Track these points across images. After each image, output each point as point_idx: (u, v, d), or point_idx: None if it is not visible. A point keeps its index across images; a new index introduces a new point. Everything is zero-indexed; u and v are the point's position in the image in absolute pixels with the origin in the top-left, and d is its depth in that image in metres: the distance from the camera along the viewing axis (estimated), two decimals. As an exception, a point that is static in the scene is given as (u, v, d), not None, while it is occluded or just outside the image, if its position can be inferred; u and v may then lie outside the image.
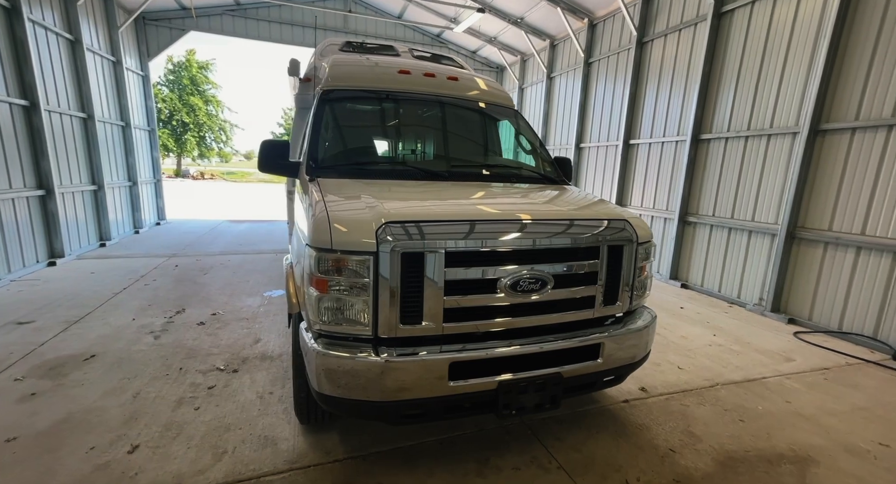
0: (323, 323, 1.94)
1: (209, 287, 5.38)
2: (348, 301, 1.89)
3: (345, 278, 1.87)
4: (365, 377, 1.85)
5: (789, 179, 5.03)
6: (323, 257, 1.88)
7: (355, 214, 1.99)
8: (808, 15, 4.91)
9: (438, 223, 1.97)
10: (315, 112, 3.05)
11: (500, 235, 2.01)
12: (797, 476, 2.35)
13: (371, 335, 1.92)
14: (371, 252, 1.84)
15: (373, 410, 1.93)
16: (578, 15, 8.48)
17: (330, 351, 1.88)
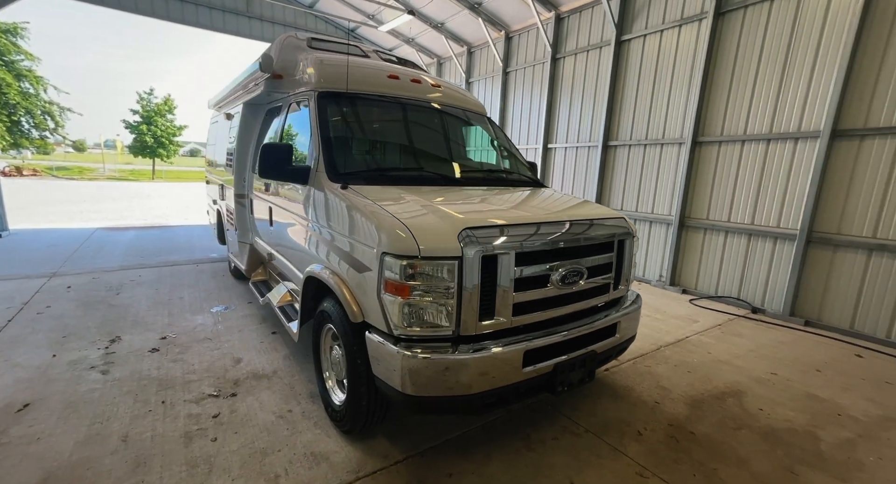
0: (405, 327, 2.01)
1: (134, 308, 4.61)
2: (432, 304, 1.99)
3: (430, 283, 1.97)
4: (456, 373, 1.99)
5: (679, 180, 6.32)
6: (409, 264, 1.94)
7: (434, 222, 2.09)
8: (686, 47, 6.20)
9: (508, 227, 2.19)
10: (318, 116, 2.94)
11: (554, 235, 2.31)
12: (738, 405, 3.15)
13: (451, 334, 2.05)
14: (456, 257, 1.97)
15: (461, 404, 2.07)
16: (497, 27, 9.15)
17: (421, 354, 1.96)
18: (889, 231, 4.60)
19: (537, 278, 2.23)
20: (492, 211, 2.48)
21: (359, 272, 2.21)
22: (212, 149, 6.40)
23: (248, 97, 4.16)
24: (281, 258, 3.58)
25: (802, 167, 5.17)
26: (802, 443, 2.73)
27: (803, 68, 5.10)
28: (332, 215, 2.52)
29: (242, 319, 4.42)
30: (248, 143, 4.51)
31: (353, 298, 2.24)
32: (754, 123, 5.56)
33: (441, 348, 2.01)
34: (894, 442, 2.81)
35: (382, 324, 2.07)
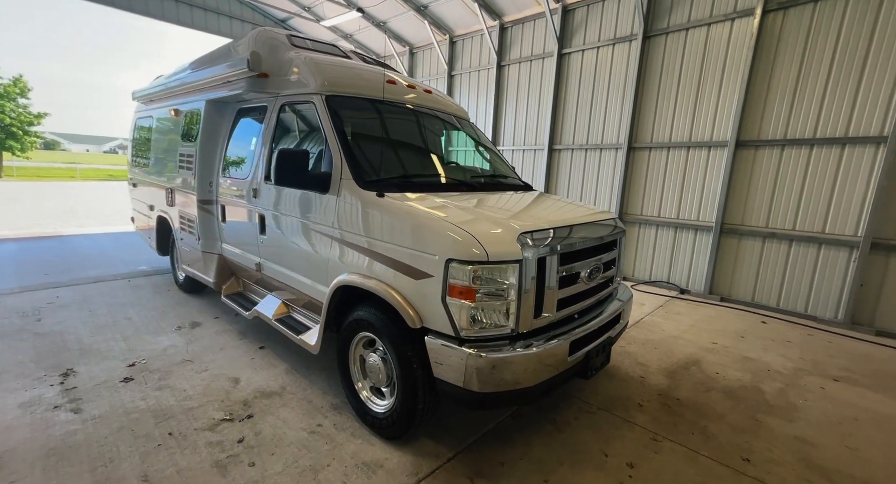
0: (471, 329, 2.12)
1: (72, 335, 3.97)
2: (496, 305, 2.14)
3: (495, 286, 2.11)
4: (522, 368, 2.15)
5: (616, 180, 7.15)
6: (476, 270, 2.06)
7: (493, 228, 2.22)
8: (620, 64, 7.01)
9: (552, 229, 2.40)
10: (333, 121, 2.87)
11: (582, 235, 2.58)
12: (700, 371, 3.77)
13: (510, 332, 2.21)
14: (518, 260, 2.14)
15: (523, 396, 2.23)
16: (442, 30, 9.34)
17: (491, 353, 2.09)
18: (777, 222, 5.76)
19: (572, 275, 2.49)
20: (528, 215, 2.67)
21: (415, 279, 2.26)
22: (147, 148, 5.67)
23: (219, 94, 3.82)
24: (279, 268, 3.39)
25: (715, 170, 6.21)
26: (753, 396, 3.39)
27: (713, 88, 6.12)
28: (371, 224, 2.51)
29: (218, 337, 4.06)
30: (215, 144, 4.14)
31: (409, 305, 2.28)
32: (677, 132, 6.52)
33: (503, 346, 2.16)
34: (810, 386, 3.62)
35: (447, 327, 2.16)
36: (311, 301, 3.16)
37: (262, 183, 3.45)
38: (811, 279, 5.58)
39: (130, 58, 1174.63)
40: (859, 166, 5.15)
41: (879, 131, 5.00)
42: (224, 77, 3.58)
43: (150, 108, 5.64)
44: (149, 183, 5.55)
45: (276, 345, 3.92)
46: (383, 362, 2.59)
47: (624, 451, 2.60)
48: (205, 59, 4.45)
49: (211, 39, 10.60)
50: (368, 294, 2.64)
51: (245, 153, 3.84)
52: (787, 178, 5.66)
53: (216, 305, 4.94)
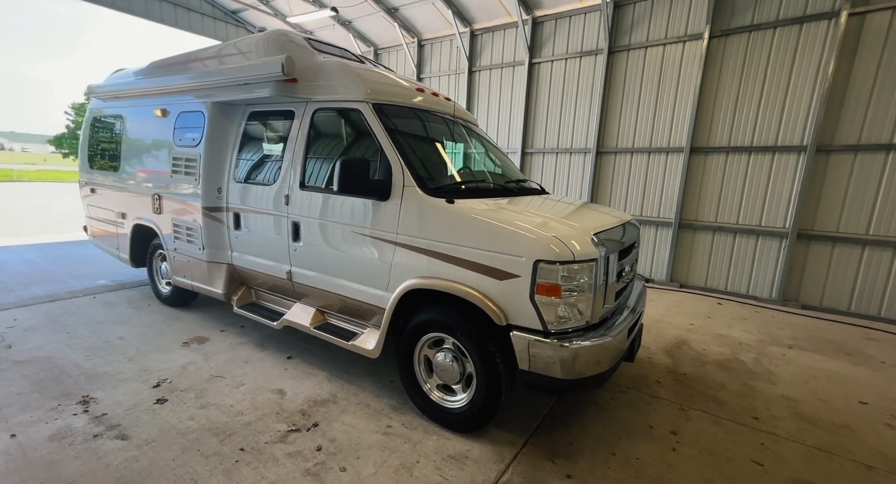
0: (556, 323, 2.36)
1: (63, 361, 3.57)
2: (579, 300, 2.39)
3: (578, 283, 2.36)
4: (601, 354, 2.43)
5: (586, 182, 7.79)
6: (564, 269, 2.30)
7: (571, 231, 2.47)
8: (587, 75, 7.64)
9: (613, 230, 2.72)
10: (386, 129, 2.95)
11: (628, 235, 2.93)
12: (690, 349, 4.36)
13: (584, 323, 2.48)
14: (595, 258, 2.41)
15: (598, 379, 2.49)
16: (410, 33, 9.41)
17: (577, 344, 2.34)
18: (724, 217, 6.69)
19: (620, 270, 2.83)
20: (580, 217, 2.94)
21: (499, 280, 2.44)
22: (114, 150, 5.14)
23: (232, 97, 3.66)
24: (319, 276, 3.35)
25: (673, 173, 7.04)
26: (738, 366, 4.02)
27: (669, 100, 6.93)
28: (445, 229, 2.63)
29: (235, 350, 3.88)
30: (223, 148, 3.95)
31: (494, 304, 2.46)
32: (639, 139, 7.28)
33: (582, 336, 2.42)
34: (774, 354, 4.35)
35: (535, 323, 2.37)
36: (359, 306, 3.19)
37: (295, 190, 3.39)
38: (751, 265, 6.58)
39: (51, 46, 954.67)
40: (786, 170, 6.18)
41: (800, 141, 6.04)
42: (245, 79, 3.44)
43: (117, 107, 5.14)
44: (120, 189, 5.05)
45: (304, 354, 3.85)
46: (455, 360, 2.74)
47: (663, 421, 3.01)
48: (195, 59, 4.20)
49: (150, 28, 9.68)
50: (439, 296, 2.77)
51: (266, 158, 3.72)
52: (731, 179, 6.60)
53: (215, 317, 4.67)
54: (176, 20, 10.07)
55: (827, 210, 5.97)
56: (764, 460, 2.60)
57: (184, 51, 4.54)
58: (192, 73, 4.04)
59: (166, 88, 4.27)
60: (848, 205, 5.82)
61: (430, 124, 3.53)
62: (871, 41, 5.49)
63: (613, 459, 2.56)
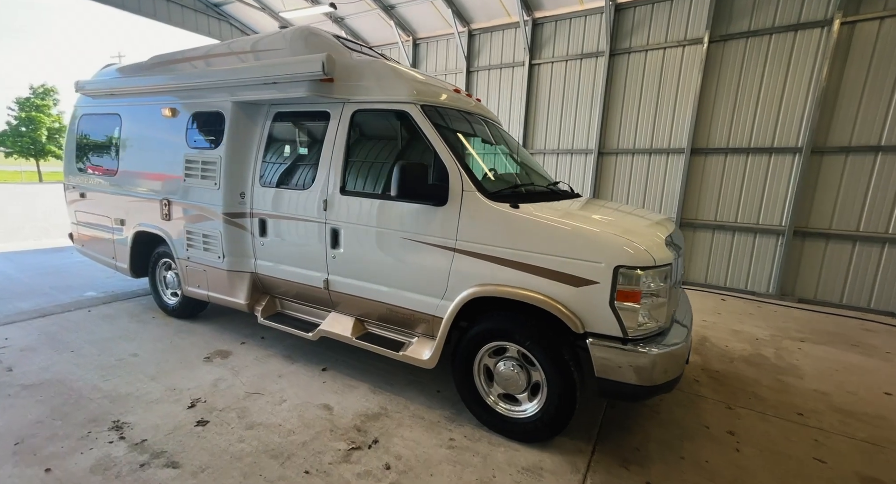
0: (637, 329, 2.34)
1: (77, 382, 3.28)
2: (656, 304, 2.38)
3: (657, 287, 2.35)
4: (680, 359, 2.43)
5: (588, 182, 7.89)
6: (645, 274, 2.28)
7: (647, 235, 2.46)
8: (587, 76, 7.73)
9: (674, 234, 2.73)
10: (439, 132, 2.86)
11: (679, 238, 2.96)
12: (714, 346, 4.47)
13: (658, 329, 2.47)
14: (670, 262, 2.41)
15: (673, 384, 2.49)
16: (406, 32, 9.26)
17: (662, 348, 2.33)
18: (723, 215, 6.93)
19: None
20: (641, 221, 2.93)
21: (575, 286, 2.40)
22: (109, 151, 4.79)
23: (259, 96, 3.45)
24: (363, 284, 3.21)
25: (673, 173, 7.22)
26: (763, 362, 4.15)
27: (670, 103, 7.11)
28: (512, 235, 2.56)
29: (264, 363, 3.67)
30: (247, 150, 3.73)
31: (570, 311, 2.41)
32: (640, 140, 7.43)
33: (658, 342, 2.42)
34: (790, 348, 4.52)
35: (614, 329, 2.34)
36: (408, 315, 3.07)
37: (335, 195, 3.23)
38: (749, 261, 6.84)
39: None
40: (782, 170, 6.46)
41: (795, 143, 6.32)
42: (276, 78, 3.25)
43: (112, 105, 4.78)
44: (118, 193, 4.70)
45: (338, 365, 3.69)
46: (520, 369, 2.68)
47: (716, 421, 3.05)
48: (208, 56, 3.97)
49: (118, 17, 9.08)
50: (500, 303, 2.70)
51: (297, 161, 3.54)
52: (730, 179, 6.83)
53: (230, 328, 4.42)
54: (154, 11, 9.50)
55: (821, 208, 6.27)
56: (825, 457, 2.68)
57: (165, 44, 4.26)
58: (209, 70, 3.79)
59: (176, 86, 3.99)
60: (840, 203, 6.14)
61: (472, 126, 3.45)
62: (861, 48, 5.80)
63: (684, 463, 2.57)
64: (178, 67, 4.19)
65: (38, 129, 36.96)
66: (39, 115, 36.97)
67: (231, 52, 3.89)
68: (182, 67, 4.15)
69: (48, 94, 37.98)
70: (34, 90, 37.56)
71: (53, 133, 38.24)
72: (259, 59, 3.60)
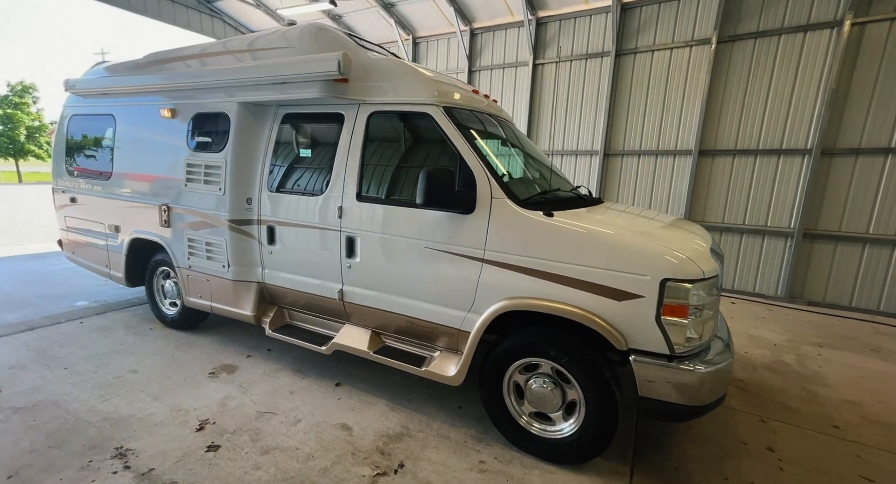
0: (684, 346, 2.20)
1: (73, 404, 3.06)
2: (703, 319, 2.24)
3: (704, 301, 2.21)
4: (727, 376, 2.30)
5: (594, 183, 7.78)
6: (695, 287, 2.15)
7: (693, 246, 2.32)
8: (593, 76, 7.62)
9: (715, 244, 2.60)
10: (462, 133, 2.69)
11: (716, 247, 2.84)
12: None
13: (704, 345, 2.33)
14: (717, 275, 2.27)
15: (718, 403, 2.35)
16: (406, 30, 9.07)
17: (711, 366, 2.19)
18: (731, 217, 6.87)
19: None
20: (678, 229, 2.78)
21: (617, 300, 2.25)
22: (103, 153, 4.54)
23: (266, 96, 3.25)
24: (382, 296, 3.03)
25: (680, 175, 7.15)
26: (786, 369, 4.05)
27: (676, 103, 7.03)
28: (546, 245, 2.41)
29: (273, 379, 3.48)
30: (253, 154, 3.53)
31: (612, 326, 2.27)
32: (647, 141, 7.34)
33: (702, 358, 2.28)
34: (810, 354, 4.44)
35: (660, 346, 2.20)
36: (430, 328, 2.91)
37: (351, 201, 3.05)
38: (758, 263, 6.79)
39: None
40: (791, 172, 6.41)
41: (805, 145, 6.27)
42: (286, 77, 3.05)
43: (105, 105, 4.53)
44: (112, 198, 4.46)
45: (352, 379, 3.51)
46: (554, 386, 2.53)
47: (752, 436, 2.93)
48: (210, 54, 3.77)
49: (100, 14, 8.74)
50: (532, 317, 2.55)
51: (308, 165, 3.35)
52: (738, 181, 6.77)
53: (234, 340, 4.21)
54: (145, 8, 9.18)
55: (830, 210, 6.23)
56: (872, 475, 2.57)
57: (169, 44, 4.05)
58: (213, 69, 3.58)
59: (177, 86, 3.76)
60: (850, 205, 6.10)
61: (491, 128, 3.29)
62: (871, 50, 5.76)
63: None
64: (177, 66, 3.96)
65: (17, 128, 35.93)
66: (18, 113, 35.94)
67: (234, 50, 3.68)
68: (181, 66, 3.93)
69: (27, 92, 36.94)
70: (12, 88, 36.51)
71: (33, 132, 37.21)
72: (263, 57, 3.40)
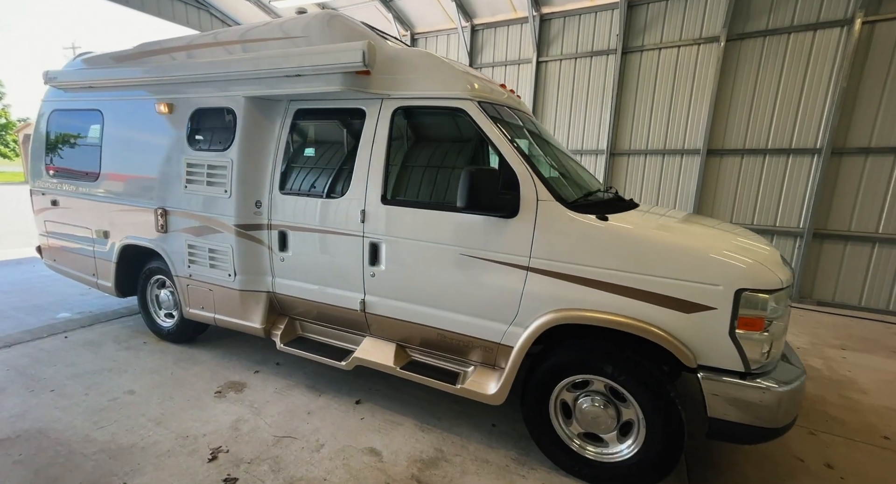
0: (758, 362, 2.01)
1: (64, 432, 2.73)
2: (778, 333, 2.06)
3: (778, 313, 2.03)
4: (802, 395, 2.13)
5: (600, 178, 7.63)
6: (774, 298, 1.96)
7: (765, 252, 2.14)
8: (598, 74, 7.48)
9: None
10: (502, 131, 2.47)
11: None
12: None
13: (775, 360, 2.14)
14: (791, 285, 2.09)
15: (792, 425, 2.16)
16: (404, 26, 8.80)
17: (788, 384, 2.00)
18: (739, 217, 6.80)
19: None
20: (745, 237, 2.59)
21: (685, 312, 2.05)
22: (87, 151, 4.18)
23: (284, 91, 2.96)
24: (411, 307, 2.78)
25: (688, 175, 7.05)
26: (817, 375, 3.93)
27: (684, 102, 6.93)
28: (602, 252, 2.20)
29: (286, 396, 3.19)
30: (263, 153, 3.25)
31: (679, 341, 2.07)
32: (653, 141, 7.23)
33: (774, 376, 2.09)
34: (835, 357, 4.34)
35: (734, 362, 2.01)
36: (465, 342, 2.67)
37: (375, 204, 2.79)
38: (766, 265, 6.72)
39: None
40: (801, 172, 6.36)
41: (814, 144, 6.23)
42: (302, 70, 2.78)
43: (91, 99, 4.17)
44: (100, 201, 4.10)
45: (372, 395, 3.25)
46: (607, 404, 2.32)
47: (807, 452, 2.77)
48: (211, 44, 3.47)
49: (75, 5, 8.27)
50: (584, 329, 2.34)
51: (325, 165, 3.08)
52: (746, 181, 6.71)
53: (237, 353, 3.90)
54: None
55: (840, 210, 6.20)
56: (942, 491, 2.43)
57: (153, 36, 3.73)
58: (218, 61, 3.27)
59: (174, 79, 3.44)
60: (859, 205, 6.08)
61: (526, 125, 3.07)
62: (881, 49, 5.74)
63: (798, 508, 2.27)
64: (179, 56, 3.64)
65: (-21, 127, 34.36)
66: (-19, 109, 34.37)
67: (245, 40, 3.38)
68: (182, 57, 3.61)
69: (-8, 87, 35.36)
70: None
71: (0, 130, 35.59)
72: (285, 47, 3.10)
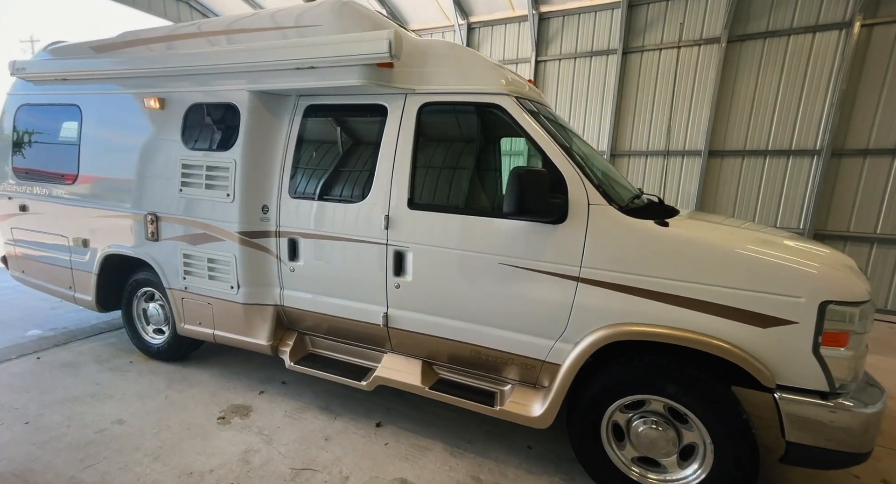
0: (843, 380, 1.85)
1: (44, 474, 2.36)
2: (862, 349, 1.90)
3: (862, 327, 1.86)
4: (884, 416, 1.97)
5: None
6: (860, 310, 1.81)
7: (842, 262, 1.99)
8: (598, 74, 7.39)
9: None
10: (546, 129, 2.26)
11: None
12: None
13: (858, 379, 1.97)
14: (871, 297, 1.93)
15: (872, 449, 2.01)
16: (397, 23, 8.52)
17: (875, 407, 1.85)
18: (741, 218, 6.79)
19: None
20: (814, 243, 2.45)
21: (762, 327, 1.88)
22: (63, 151, 3.77)
23: (297, 85, 2.67)
24: (443, 322, 2.53)
25: (689, 176, 7.03)
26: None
27: (684, 103, 6.91)
28: (667, 261, 2.01)
29: (298, 421, 2.89)
30: (270, 153, 2.95)
31: (758, 359, 1.89)
32: (654, 142, 7.18)
33: (855, 397, 1.93)
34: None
35: (816, 381, 1.85)
36: (505, 359, 2.44)
37: (400, 209, 2.53)
38: (767, 266, 6.75)
39: None
40: (801, 173, 6.40)
41: (814, 145, 6.28)
42: (317, 61, 2.49)
43: (67, 92, 3.77)
44: (78, 205, 3.70)
45: (393, 416, 2.98)
46: (666, 426, 2.13)
47: (860, 467, 2.64)
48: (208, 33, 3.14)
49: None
50: (640, 344, 2.15)
51: (342, 167, 2.81)
52: (747, 182, 6.72)
53: (237, 372, 3.57)
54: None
55: (839, 211, 6.26)
56: None
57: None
58: (219, 50, 2.95)
59: (170, 70, 3.08)
60: (858, 205, 6.15)
61: (557, 123, 2.86)
62: (879, 51, 5.81)
63: (870, 532, 2.13)
64: (170, 46, 3.29)
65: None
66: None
67: (248, 29, 3.06)
68: (173, 46, 3.27)
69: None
70: None
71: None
72: (295, 37, 2.80)
